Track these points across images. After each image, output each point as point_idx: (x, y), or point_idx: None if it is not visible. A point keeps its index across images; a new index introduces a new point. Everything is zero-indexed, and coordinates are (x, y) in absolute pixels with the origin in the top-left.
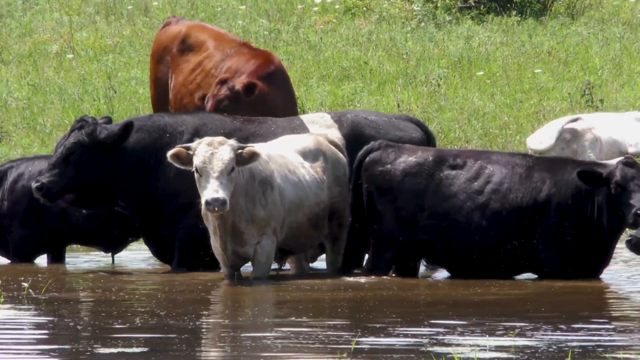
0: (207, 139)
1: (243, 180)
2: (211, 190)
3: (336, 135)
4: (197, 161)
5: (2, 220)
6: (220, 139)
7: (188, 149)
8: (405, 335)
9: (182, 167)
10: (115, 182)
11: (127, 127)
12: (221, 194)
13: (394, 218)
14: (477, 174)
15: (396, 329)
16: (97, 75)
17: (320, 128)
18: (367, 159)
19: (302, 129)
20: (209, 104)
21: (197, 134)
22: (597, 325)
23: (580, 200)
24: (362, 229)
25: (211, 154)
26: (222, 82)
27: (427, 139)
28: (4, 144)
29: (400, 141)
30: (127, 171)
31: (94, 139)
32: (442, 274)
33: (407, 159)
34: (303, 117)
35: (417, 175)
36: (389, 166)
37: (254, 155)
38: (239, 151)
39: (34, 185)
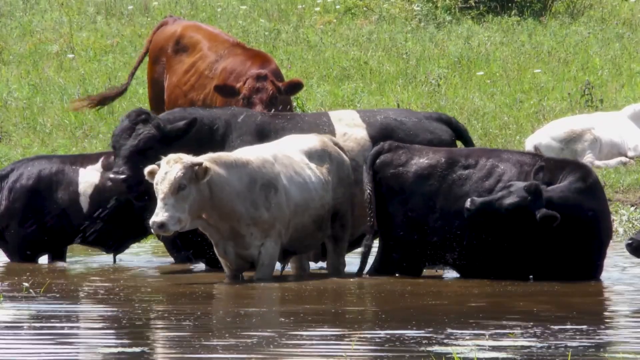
0: (167, 158)
1: (240, 185)
2: (154, 213)
3: (363, 135)
4: (154, 182)
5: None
6: (176, 156)
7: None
8: (406, 335)
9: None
10: None
11: (192, 123)
12: (160, 217)
13: (405, 220)
14: (488, 173)
15: (396, 328)
16: (97, 75)
17: (347, 126)
18: (378, 160)
19: (328, 125)
20: (257, 98)
21: (228, 126)
22: (597, 325)
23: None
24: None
25: (165, 173)
26: (260, 77)
27: (460, 136)
28: (4, 144)
29: (430, 144)
30: None
31: (162, 132)
32: (444, 274)
33: (418, 161)
34: (331, 113)
35: (430, 177)
36: (400, 168)
37: (206, 171)
38: (196, 168)
39: (117, 177)
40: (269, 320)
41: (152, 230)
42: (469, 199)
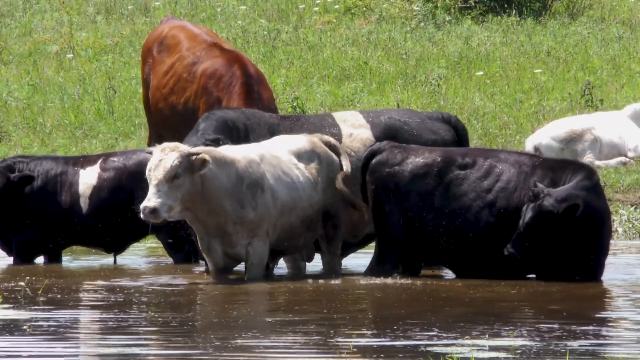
0: (162, 145)
1: (228, 183)
2: (145, 199)
3: (368, 135)
4: (147, 168)
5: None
6: (173, 144)
7: (150, 153)
8: (404, 335)
9: None
10: None
11: None
12: (152, 203)
13: (402, 219)
14: (486, 173)
15: (395, 329)
16: (97, 75)
17: (352, 127)
18: (374, 160)
19: (333, 126)
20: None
21: (246, 129)
22: (596, 326)
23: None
24: None
25: (159, 160)
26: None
27: (461, 137)
28: (4, 144)
29: (434, 144)
30: None
31: None
32: (442, 273)
33: (414, 160)
34: (334, 114)
35: (426, 176)
36: (396, 167)
37: (204, 163)
38: (193, 158)
39: None
40: (267, 319)
41: (141, 216)
42: (505, 249)
